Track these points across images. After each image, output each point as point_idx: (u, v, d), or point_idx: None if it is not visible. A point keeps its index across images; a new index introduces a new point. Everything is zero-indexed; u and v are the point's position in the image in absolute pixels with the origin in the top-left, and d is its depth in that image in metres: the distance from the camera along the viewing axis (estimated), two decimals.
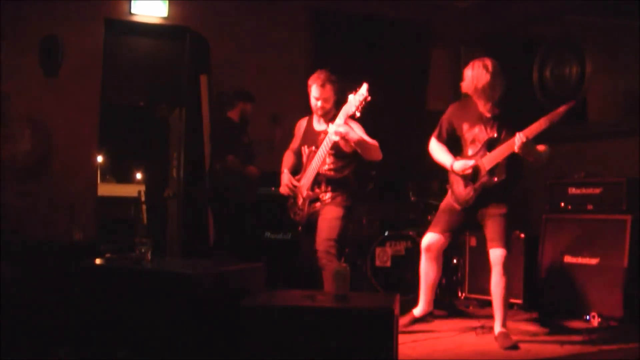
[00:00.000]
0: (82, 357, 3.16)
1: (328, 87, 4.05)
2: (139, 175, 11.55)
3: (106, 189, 8.86)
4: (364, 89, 3.78)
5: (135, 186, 10.16)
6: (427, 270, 4.11)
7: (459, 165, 3.91)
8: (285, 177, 4.20)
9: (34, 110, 5.55)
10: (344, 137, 3.84)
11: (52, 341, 3.96)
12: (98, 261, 3.52)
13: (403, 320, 3.96)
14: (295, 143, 4.36)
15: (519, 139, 3.64)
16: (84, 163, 5.80)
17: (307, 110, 6.39)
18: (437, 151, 4.07)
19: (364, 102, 3.76)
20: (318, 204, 4.06)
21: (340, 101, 4.09)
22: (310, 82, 4.12)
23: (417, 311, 4.13)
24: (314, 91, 4.08)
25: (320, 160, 3.99)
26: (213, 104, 5.85)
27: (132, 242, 3.41)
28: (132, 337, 3.00)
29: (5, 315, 4.13)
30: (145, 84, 6.14)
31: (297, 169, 4.28)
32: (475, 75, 3.84)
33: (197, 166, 5.68)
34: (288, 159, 4.34)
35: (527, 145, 3.65)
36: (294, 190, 4.15)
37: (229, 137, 5.31)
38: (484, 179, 3.83)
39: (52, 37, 5.58)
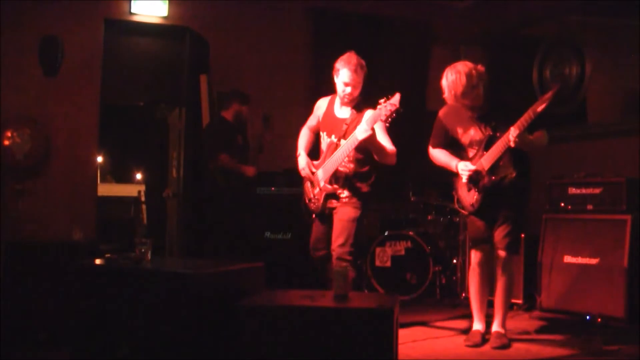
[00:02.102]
0: (82, 357, 3.16)
1: (360, 73, 3.87)
2: (139, 175, 11.55)
3: (106, 189, 8.87)
4: (396, 98, 3.62)
5: (135, 186, 10.15)
6: (483, 286, 3.97)
7: (462, 165, 3.84)
8: (303, 160, 4.07)
9: (34, 110, 5.55)
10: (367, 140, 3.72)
11: (52, 341, 3.96)
12: (98, 261, 3.51)
13: (475, 339, 3.87)
14: (312, 121, 4.19)
15: (512, 133, 3.59)
16: (84, 163, 5.80)
17: (307, 110, 6.36)
18: (439, 155, 4.01)
19: (394, 113, 3.62)
20: (334, 201, 3.96)
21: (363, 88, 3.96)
22: (339, 65, 3.90)
23: (480, 327, 3.98)
24: (345, 76, 3.86)
25: (343, 158, 3.86)
26: (213, 104, 5.85)
27: (132, 242, 3.41)
28: (132, 336, 3.00)
29: (5, 315, 4.13)
30: (145, 84, 6.14)
31: (314, 148, 4.18)
32: (450, 83, 3.71)
33: (197, 166, 5.68)
34: (304, 139, 4.18)
35: (521, 137, 3.59)
36: (311, 177, 4.04)
37: (223, 137, 5.31)
38: (484, 180, 3.79)
39: (52, 37, 5.58)
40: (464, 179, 3.86)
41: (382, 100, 3.69)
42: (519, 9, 6.31)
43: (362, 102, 3.95)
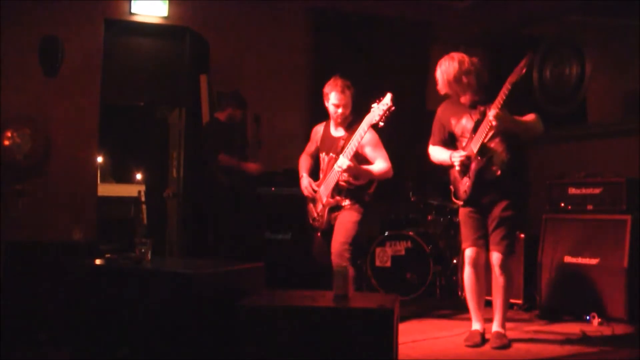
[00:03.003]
0: (82, 357, 3.16)
1: (347, 93, 4.10)
2: (139, 175, 11.53)
3: (106, 189, 8.84)
4: (387, 98, 3.81)
5: (135, 186, 10.14)
6: (479, 286, 3.96)
7: (455, 154, 3.85)
8: (305, 180, 4.30)
9: (34, 110, 5.55)
10: (348, 171, 3.96)
11: (52, 341, 3.96)
12: (98, 261, 3.52)
13: (475, 339, 3.87)
14: (311, 147, 4.43)
15: (490, 113, 3.60)
16: (84, 163, 5.80)
17: (307, 110, 6.39)
18: (436, 153, 4.04)
19: (388, 112, 3.80)
20: (336, 212, 4.14)
21: (354, 107, 4.15)
22: (327, 89, 4.14)
23: (479, 326, 3.97)
24: (334, 98, 4.10)
25: (339, 176, 4.04)
26: (213, 104, 5.84)
27: (132, 242, 3.41)
28: (132, 336, 3.00)
29: (6, 315, 4.13)
30: (145, 84, 6.13)
31: (313, 172, 4.37)
32: (443, 70, 3.80)
33: (197, 166, 5.68)
34: (305, 163, 4.42)
35: (500, 117, 3.58)
36: (314, 195, 4.22)
37: (221, 137, 5.31)
38: (474, 163, 3.77)
39: (52, 37, 5.58)
40: (457, 167, 3.86)
41: (374, 105, 3.85)
42: (519, 9, 6.32)
43: (354, 121, 4.12)
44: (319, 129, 4.38)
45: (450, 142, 4.00)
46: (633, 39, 5.21)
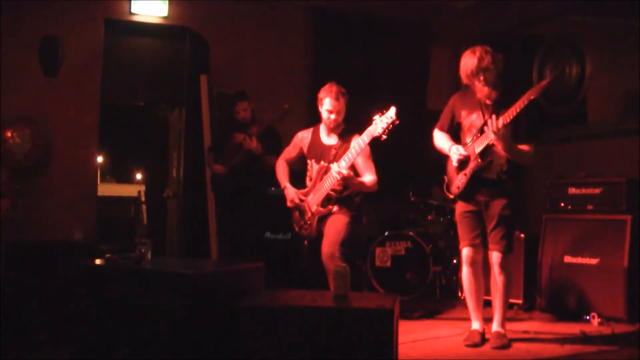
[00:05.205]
0: (82, 357, 3.16)
1: (341, 100, 4.09)
2: (139, 175, 11.55)
3: (106, 189, 8.87)
4: (392, 111, 3.78)
5: (135, 186, 10.16)
6: (477, 286, 3.97)
7: (454, 148, 3.86)
8: (291, 191, 4.25)
9: (34, 110, 5.55)
10: (343, 179, 3.94)
11: (52, 341, 3.96)
12: (98, 261, 3.52)
13: (474, 339, 3.87)
14: (291, 153, 4.38)
15: (493, 122, 3.61)
16: (84, 163, 5.80)
17: (307, 110, 6.37)
18: (438, 138, 4.03)
19: (392, 126, 3.77)
20: (327, 219, 4.11)
21: (354, 109, 4.15)
22: (322, 95, 4.12)
23: (478, 326, 3.98)
24: (328, 104, 4.08)
25: (333, 182, 4.02)
26: (213, 104, 5.84)
27: (132, 242, 3.41)
28: (132, 336, 3.00)
29: (6, 315, 4.13)
30: (145, 84, 6.13)
31: (293, 179, 4.35)
32: (464, 62, 3.81)
33: (197, 166, 5.67)
34: (284, 171, 4.37)
35: (500, 132, 3.58)
36: (301, 205, 4.18)
37: (219, 137, 5.33)
38: (473, 163, 3.80)
39: (52, 37, 5.58)
40: (454, 163, 3.88)
41: (376, 117, 3.82)
42: (519, 9, 6.31)
43: (347, 130, 4.14)
44: (305, 135, 4.32)
45: (456, 131, 4.00)
46: (633, 39, 5.21)
